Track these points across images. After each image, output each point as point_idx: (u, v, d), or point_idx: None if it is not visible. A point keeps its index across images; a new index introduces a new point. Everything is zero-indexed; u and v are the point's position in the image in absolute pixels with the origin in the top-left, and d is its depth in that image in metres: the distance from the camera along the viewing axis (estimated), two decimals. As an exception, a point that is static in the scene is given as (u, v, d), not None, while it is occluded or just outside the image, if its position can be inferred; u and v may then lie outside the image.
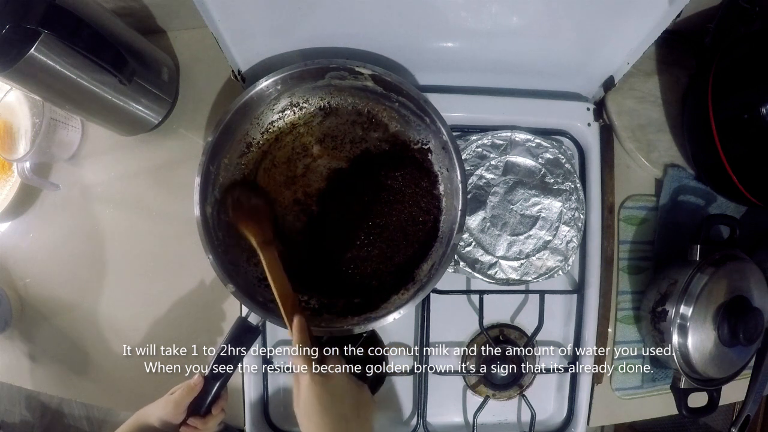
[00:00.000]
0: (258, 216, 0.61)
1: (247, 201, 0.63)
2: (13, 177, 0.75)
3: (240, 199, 0.62)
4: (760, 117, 0.60)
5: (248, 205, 0.62)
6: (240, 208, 0.62)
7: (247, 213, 0.61)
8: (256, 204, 0.63)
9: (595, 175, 0.71)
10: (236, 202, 0.62)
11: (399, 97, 0.63)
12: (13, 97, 0.73)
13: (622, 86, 0.72)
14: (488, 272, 0.68)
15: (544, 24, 0.60)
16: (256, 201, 0.63)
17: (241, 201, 0.62)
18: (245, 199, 0.63)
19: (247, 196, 0.63)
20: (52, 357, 0.76)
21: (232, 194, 0.63)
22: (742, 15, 0.64)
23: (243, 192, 0.63)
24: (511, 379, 0.70)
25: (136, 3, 0.68)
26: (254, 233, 0.59)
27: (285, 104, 0.65)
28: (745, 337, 0.62)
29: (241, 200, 0.62)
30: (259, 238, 0.58)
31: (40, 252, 0.77)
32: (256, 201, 0.63)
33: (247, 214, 0.61)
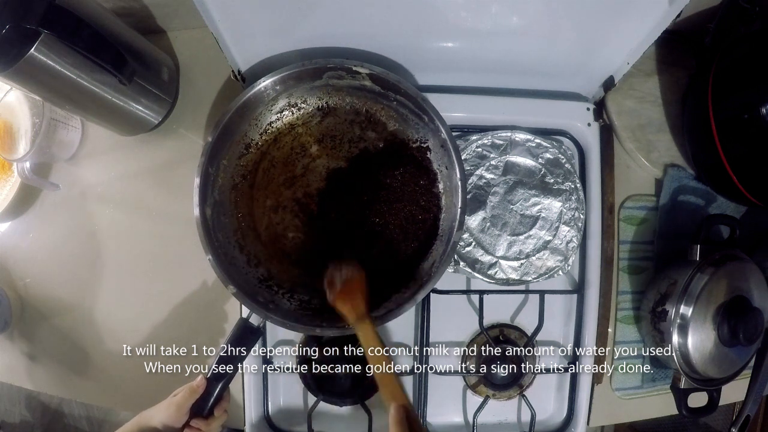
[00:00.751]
0: (351, 290, 0.58)
1: (338, 274, 0.59)
2: (13, 177, 0.75)
3: (333, 277, 0.59)
4: (760, 117, 0.60)
5: (341, 280, 0.59)
6: (333, 286, 0.58)
7: (342, 288, 0.58)
8: (347, 278, 0.59)
9: (595, 175, 0.71)
10: (330, 282, 0.59)
11: (397, 96, 0.63)
12: (13, 97, 0.73)
13: (622, 86, 0.72)
14: (488, 272, 0.68)
15: (544, 24, 0.60)
16: (347, 273, 0.59)
17: (333, 280, 0.59)
18: (337, 275, 0.59)
19: (337, 270, 0.59)
20: (52, 357, 0.76)
21: (324, 276, 0.59)
22: (742, 15, 0.64)
23: (333, 268, 0.60)
24: (511, 379, 0.70)
25: (136, 3, 0.68)
26: (347, 310, 0.56)
27: (283, 105, 0.65)
28: (745, 337, 0.62)
29: (334, 278, 0.59)
30: (352, 315, 0.55)
31: (40, 252, 0.77)
32: (347, 273, 0.59)
33: (340, 291, 0.58)
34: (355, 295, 0.57)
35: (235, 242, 0.63)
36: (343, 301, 0.57)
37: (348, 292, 0.58)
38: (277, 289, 0.63)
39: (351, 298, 0.57)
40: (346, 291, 0.58)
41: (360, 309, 0.56)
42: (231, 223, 0.64)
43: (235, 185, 0.65)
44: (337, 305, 0.57)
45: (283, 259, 0.65)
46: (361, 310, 0.56)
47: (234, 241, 0.63)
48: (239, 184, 0.65)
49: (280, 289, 0.63)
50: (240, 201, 0.65)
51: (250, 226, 0.65)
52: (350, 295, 0.57)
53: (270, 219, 0.65)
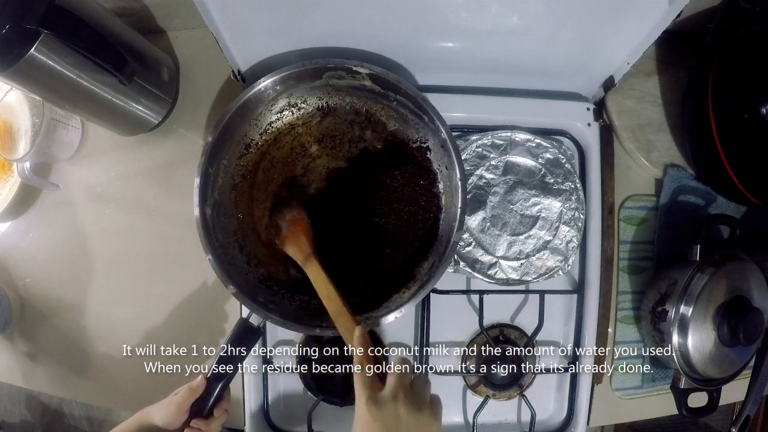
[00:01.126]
0: (294, 231, 0.59)
1: (282, 220, 0.61)
2: (13, 177, 0.75)
3: (278, 223, 0.61)
4: (760, 117, 0.60)
5: (284, 224, 0.61)
6: (279, 231, 0.60)
7: (286, 233, 0.60)
8: (290, 219, 0.61)
9: (595, 175, 0.71)
10: (276, 228, 0.61)
11: (397, 95, 0.63)
12: (13, 97, 0.73)
13: (622, 86, 0.72)
14: (488, 272, 0.68)
15: (544, 24, 0.60)
16: (291, 216, 0.61)
17: (278, 224, 0.61)
18: (280, 219, 0.61)
19: (280, 215, 0.61)
20: (52, 357, 0.76)
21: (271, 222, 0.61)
22: (742, 15, 0.64)
23: (277, 214, 0.61)
24: (511, 379, 0.70)
25: (136, 3, 0.68)
26: (294, 253, 0.57)
27: (283, 105, 0.65)
28: (745, 337, 0.62)
29: (279, 223, 0.61)
30: (299, 256, 0.57)
31: (40, 252, 0.77)
32: (291, 216, 0.61)
33: (285, 234, 0.60)
34: (299, 236, 0.59)
35: (235, 242, 0.63)
36: (289, 244, 0.59)
37: (293, 234, 0.60)
38: (277, 289, 0.63)
39: (296, 239, 0.59)
40: (292, 233, 0.60)
41: (306, 249, 0.58)
42: (231, 223, 0.64)
43: (235, 185, 0.65)
44: (285, 248, 0.59)
45: (283, 259, 0.65)
46: (307, 251, 0.57)
47: (234, 241, 0.63)
48: (239, 184, 0.65)
49: (280, 289, 0.63)
50: (240, 201, 0.65)
51: (250, 226, 0.65)
52: (295, 237, 0.59)
53: (270, 219, 0.65)
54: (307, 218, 0.61)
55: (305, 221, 0.61)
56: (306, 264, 0.56)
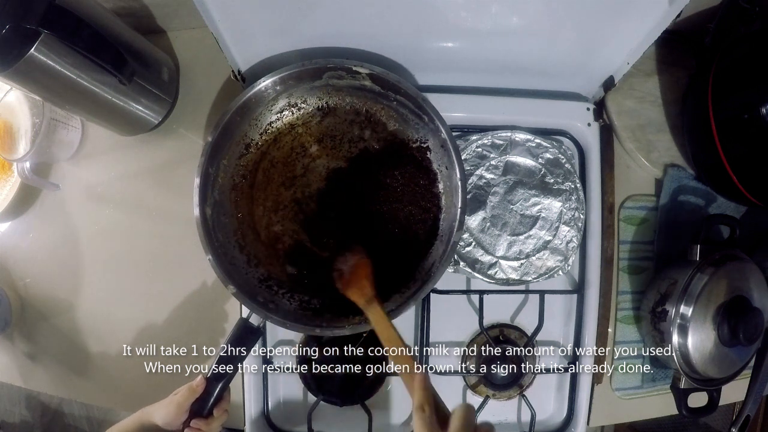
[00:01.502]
0: (357, 276, 0.59)
1: (344, 265, 0.61)
2: (13, 177, 0.75)
3: (341, 268, 0.61)
4: (760, 117, 0.60)
5: (347, 269, 0.60)
6: (341, 276, 0.60)
7: (348, 277, 0.60)
8: (353, 265, 0.61)
9: (595, 175, 0.71)
10: (338, 273, 0.61)
11: (397, 95, 0.63)
12: (13, 97, 0.73)
13: (622, 86, 0.72)
14: (488, 272, 0.68)
15: (544, 24, 0.60)
16: (353, 261, 0.61)
17: (341, 270, 0.61)
18: (342, 264, 0.61)
19: (343, 259, 0.61)
20: (52, 357, 0.76)
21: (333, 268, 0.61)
22: (742, 15, 0.64)
23: (340, 258, 0.62)
24: (511, 379, 0.70)
25: (136, 3, 0.68)
26: (357, 296, 0.57)
27: (283, 105, 0.65)
28: (745, 337, 0.62)
29: (341, 267, 0.61)
30: (361, 300, 0.57)
31: (40, 252, 0.77)
32: (353, 261, 0.61)
33: (348, 279, 0.60)
34: (362, 280, 0.59)
35: (235, 242, 0.63)
36: (351, 288, 0.59)
37: (355, 278, 0.59)
38: (277, 289, 0.63)
39: (358, 283, 0.59)
40: (354, 277, 0.60)
41: (368, 293, 0.57)
42: (231, 223, 0.64)
43: (235, 185, 0.65)
44: (347, 293, 0.59)
45: (283, 259, 0.65)
46: (370, 294, 0.57)
47: (234, 241, 0.63)
48: (239, 184, 0.65)
49: (280, 289, 0.63)
50: (240, 201, 0.65)
51: (250, 226, 0.65)
52: (357, 281, 0.59)
53: (270, 219, 0.65)
54: (369, 261, 0.61)
55: (368, 264, 0.60)
56: (368, 307, 0.56)
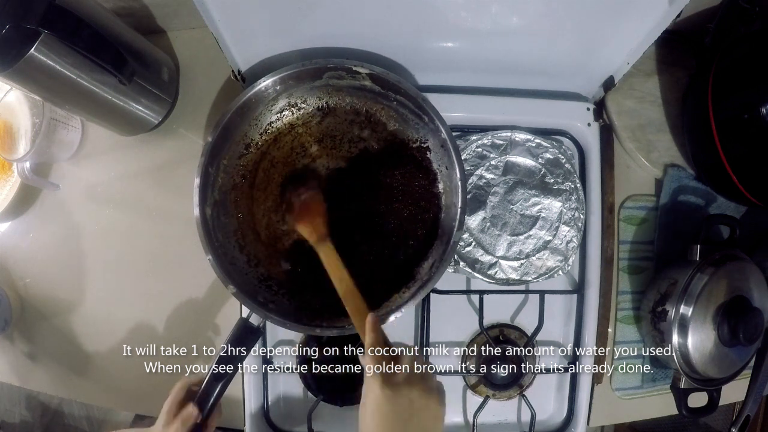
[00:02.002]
0: (310, 211, 0.59)
1: (297, 198, 0.60)
2: (13, 177, 0.75)
3: (291, 200, 0.60)
4: (760, 117, 0.60)
5: (299, 203, 0.59)
6: (292, 209, 0.59)
7: (299, 212, 0.59)
8: (306, 199, 0.60)
9: (595, 175, 0.71)
10: (288, 205, 0.60)
11: (397, 95, 0.63)
12: (13, 97, 0.73)
13: (622, 86, 0.72)
14: (488, 272, 0.68)
15: (544, 24, 0.60)
16: (305, 195, 0.60)
17: (291, 201, 0.60)
18: (295, 197, 0.60)
19: (296, 192, 0.60)
20: (52, 357, 0.76)
21: (284, 197, 0.60)
22: (742, 15, 0.64)
23: (292, 189, 0.60)
24: (511, 379, 0.70)
25: (136, 3, 0.68)
26: (308, 233, 0.57)
27: (283, 105, 0.65)
28: (745, 337, 0.62)
29: (292, 200, 0.60)
30: (312, 237, 0.56)
31: (40, 252, 0.77)
32: (305, 195, 0.60)
33: (298, 213, 0.59)
34: (315, 216, 0.58)
35: (235, 242, 0.63)
36: (303, 223, 0.58)
37: (307, 212, 0.59)
38: (277, 289, 0.63)
39: (311, 219, 0.58)
40: (306, 213, 0.59)
41: (320, 230, 0.57)
42: (231, 223, 0.64)
43: (235, 185, 0.65)
44: (298, 227, 0.58)
45: (283, 259, 0.65)
46: (322, 231, 0.57)
47: (234, 241, 0.63)
48: (239, 184, 0.65)
49: (280, 289, 0.63)
50: (240, 201, 0.65)
51: (250, 226, 0.65)
52: (309, 217, 0.58)
53: (270, 219, 0.65)
54: (323, 200, 0.60)
55: (322, 202, 0.60)
56: (319, 244, 0.55)
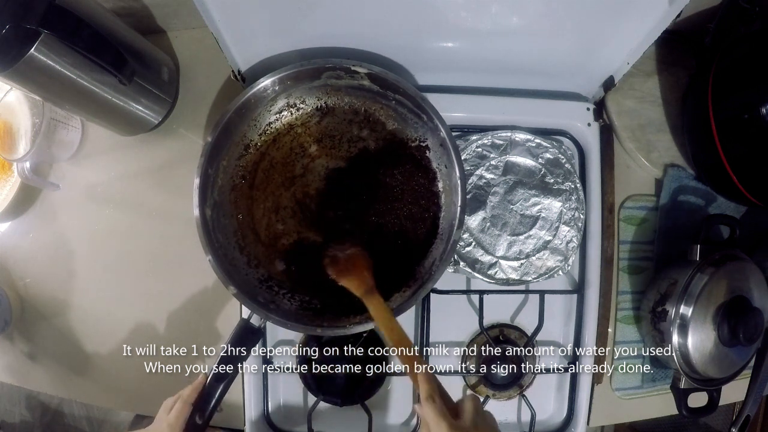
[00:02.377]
0: (356, 265, 0.58)
1: (342, 252, 0.60)
2: (13, 177, 0.75)
3: (335, 255, 0.60)
4: (760, 117, 0.60)
5: (344, 257, 0.59)
6: (337, 263, 0.59)
7: (345, 266, 0.58)
8: (352, 254, 0.59)
9: (595, 175, 0.71)
10: (332, 259, 0.59)
11: (396, 95, 0.63)
12: (13, 97, 0.73)
13: (622, 86, 0.72)
14: (488, 272, 0.68)
15: (544, 24, 0.60)
16: (352, 251, 0.60)
17: (336, 256, 0.59)
18: (340, 251, 0.60)
19: (341, 247, 0.60)
20: (52, 357, 0.76)
21: (326, 254, 0.60)
22: (742, 15, 0.64)
23: (337, 246, 0.61)
24: (511, 379, 0.70)
25: (136, 3, 0.68)
26: (356, 286, 0.56)
27: (282, 105, 0.65)
28: (745, 337, 0.62)
29: (337, 255, 0.60)
30: (361, 289, 0.55)
31: (40, 252, 0.77)
32: (352, 251, 0.60)
33: (344, 267, 0.58)
34: (363, 271, 0.57)
35: (235, 243, 0.63)
36: (349, 277, 0.57)
37: (354, 267, 0.58)
38: (278, 290, 0.63)
39: (358, 273, 0.57)
40: (353, 265, 0.58)
41: (369, 282, 0.56)
42: (231, 224, 0.64)
43: (235, 186, 0.65)
44: (344, 281, 0.57)
45: (284, 259, 0.65)
46: (370, 284, 0.56)
47: (234, 242, 0.63)
48: (239, 185, 0.65)
49: (280, 290, 0.63)
50: (240, 202, 0.65)
51: (249, 226, 0.65)
52: (357, 271, 0.57)
53: (270, 219, 0.65)
54: (367, 254, 0.59)
55: (367, 258, 0.59)
56: (368, 297, 0.55)
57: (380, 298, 0.54)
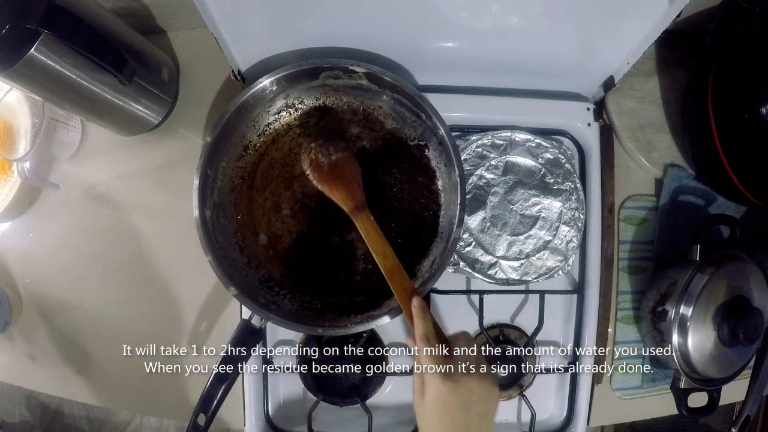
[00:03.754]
0: (344, 174, 0.51)
1: (326, 157, 0.52)
2: (13, 177, 0.75)
3: (319, 158, 0.52)
4: (760, 117, 0.60)
5: (329, 163, 0.52)
6: (320, 168, 0.52)
7: (330, 173, 0.52)
8: (337, 160, 0.52)
9: (595, 175, 0.71)
10: (316, 162, 0.52)
11: (394, 94, 0.63)
12: (13, 97, 0.73)
13: (622, 86, 0.72)
14: (488, 272, 0.68)
15: (544, 24, 0.60)
16: (337, 156, 0.52)
17: (320, 160, 0.52)
18: (324, 155, 0.52)
19: (326, 150, 0.52)
20: (52, 357, 0.76)
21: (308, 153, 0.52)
22: (742, 15, 0.64)
23: (321, 147, 0.53)
24: (511, 379, 0.70)
25: (136, 3, 0.68)
26: (342, 199, 0.50)
27: (281, 105, 0.65)
28: (745, 337, 0.62)
29: (320, 158, 0.52)
30: (348, 204, 0.50)
31: (40, 252, 0.77)
32: (337, 156, 0.52)
33: (330, 174, 0.51)
34: (349, 181, 0.51)
35: (235, 244, 0.63)
36: (336, 188, 0.51)
37: (340, 177, 0.51)
38: (278, 290, 0.63)
39: (345, 184, 0.51)
40: (339, 176, 0.52)
41: (358, 196, 0.50)
42: (231, 224, 0.64)
43: (234, 187, 0.65)
44: (330, 192, 0.51)
45: (284, 260, 0.65)
46: (360, 198, 0.50)
47: (234, 242, 0.63)
48: (238, 186, 0.65)
49: (281, 290, 0.63)
50: (239, 202, 0.65)
51: (249, 227, 0.65)
52: (343, 181, 0.51)
53: (270, 220, 0.65)
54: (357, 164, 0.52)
55: (357, 165, 0.52)
56: (357, 213, 0.49)
57: (370, 216, 0.49)
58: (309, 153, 0.54)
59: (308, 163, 0.54)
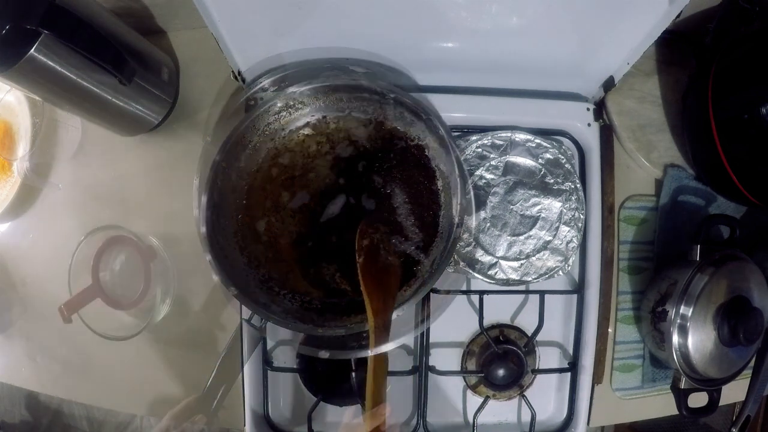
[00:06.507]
0: (389, 282, 0.49)
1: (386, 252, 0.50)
2: (13, 177, 0.75)
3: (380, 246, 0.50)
4: (760, 117, 0.60)
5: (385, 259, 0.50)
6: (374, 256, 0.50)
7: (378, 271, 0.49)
8: (393, 263, 0.50)
9: (595, 175, 0.71)
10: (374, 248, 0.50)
11: (394, 94, 0.63)
12: (13, 97, 0.73)
13: (622, 86, 0.72)
14: (488, 272, 0.68)
15: (543, 24, 0.60)
16: (394, 260, 0.50)
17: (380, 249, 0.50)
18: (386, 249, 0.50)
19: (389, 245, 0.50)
20: (52, 357, 0.76)
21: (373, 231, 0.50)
22: (742, 15, 0.64)
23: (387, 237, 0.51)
24: (511, 379, 0.70)
25: (136, 3, 0.68)
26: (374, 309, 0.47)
27: (281, 106, 0.65)
28: (745, 337, 0.62)
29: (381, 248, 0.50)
30: (378, 320, 0.47)
31: (40, 252, 0.77)
32: (394, 260, 0.50)
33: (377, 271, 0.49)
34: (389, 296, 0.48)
35: (235, 244, 0.63)
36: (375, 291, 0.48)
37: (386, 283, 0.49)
38: (278, 290, 0.63)
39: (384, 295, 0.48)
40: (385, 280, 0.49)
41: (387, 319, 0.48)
42: (231, 225, 0.64)
43: (234, 187, 0.65)
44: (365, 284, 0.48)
45: (284, 260, 0.65)
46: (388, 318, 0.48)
47: (234, 242, 0.63)
48: (238, 186, 0.65)
49: (281, 290, 0.63)
50: (239, 203, 0.65)
51: (250, 227, 0.65)
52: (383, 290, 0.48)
53: (270, 220, 0.65)
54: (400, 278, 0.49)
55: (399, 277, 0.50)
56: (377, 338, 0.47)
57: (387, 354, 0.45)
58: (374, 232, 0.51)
59: (367, 242, 0.51)
